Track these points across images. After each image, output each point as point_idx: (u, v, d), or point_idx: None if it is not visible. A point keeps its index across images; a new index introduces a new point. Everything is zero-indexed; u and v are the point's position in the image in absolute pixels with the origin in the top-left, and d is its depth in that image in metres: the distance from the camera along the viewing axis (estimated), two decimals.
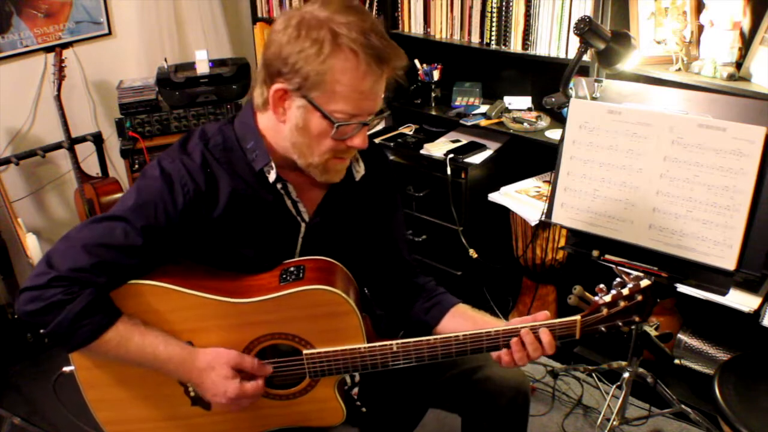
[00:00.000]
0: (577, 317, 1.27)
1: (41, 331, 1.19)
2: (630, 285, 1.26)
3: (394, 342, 1.27)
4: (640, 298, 1.25)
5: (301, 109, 1.20)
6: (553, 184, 1.88)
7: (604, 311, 1.26)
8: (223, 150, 1.29)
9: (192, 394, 1.33)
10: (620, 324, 1.27)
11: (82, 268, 1.19)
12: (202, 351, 1.26)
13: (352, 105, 1.18)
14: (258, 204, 1.31)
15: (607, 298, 1.27)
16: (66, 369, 1.35)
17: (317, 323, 1.28)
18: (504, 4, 2.51)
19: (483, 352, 1.29)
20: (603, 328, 1.28)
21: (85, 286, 1.19)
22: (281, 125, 1.25)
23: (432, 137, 2.84)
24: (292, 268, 1.31)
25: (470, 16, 2.63)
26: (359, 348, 1.28)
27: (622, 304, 1.26)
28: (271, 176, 1.29)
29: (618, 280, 1.28)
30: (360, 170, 1.40)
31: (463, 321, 1.41)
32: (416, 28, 2.84)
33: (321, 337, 1.29)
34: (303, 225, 1.37)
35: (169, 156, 1.29)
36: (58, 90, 2.72)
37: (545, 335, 1.25)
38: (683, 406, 2.06)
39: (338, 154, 1.26)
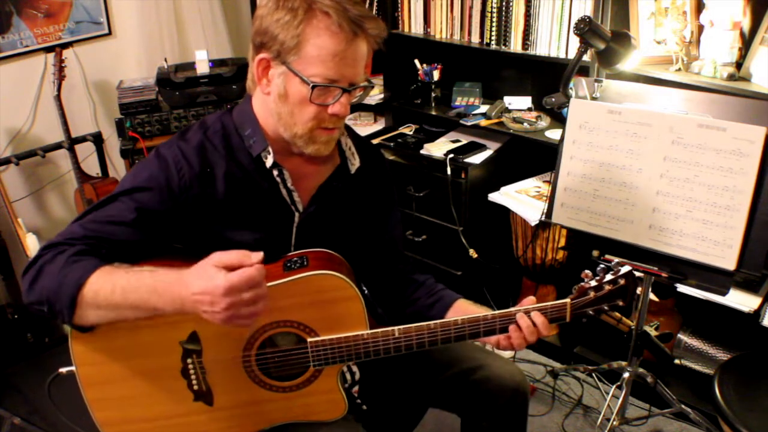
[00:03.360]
0: (567, 300, 1.33)
1: (44, 309, 1.19)
2: (613, 270, 1.33)
3: (395, 328, 1.29)
4: (623, 282, 1.32)
5: (281, 76, 1.24)
6: (553, 184, 1.88)
7: (591, 294, 1.32)
8: (221, 137, 1.32)
9: (195, 387, 1.33)
10: (606, 308, 1.33)
11: (73, 238, 1.22)
12: (187, 270, 1.17)
13: (328, 68, 1.21)
14: (253, 191, 1.33)
15: (593, 283, 1.33)
16: (63, 370, 1.35)
17: (322, 310, 1.29)
18: (504, 4, 2.51)
19: (480, 336, 1.32)
20: (591, 311, 1.33)
21: (72, 246, 1.21)
22: (266, 97, 1.28)
23: (432, 137, 2.84)
24: (295, 258, 1.33)
25: (470, 16, 2.63)
26: (362, 334, 1.29)
27: (606, 288, 1.32)
28: (269, 161, 1.31)
29: (602, 266, 1.34)
30: (355, 163, 1.42)
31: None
32: (416, 28, 2.84)
33: (325, 325, 1.30)
34: (297, 214, 1.38)
35: (167, 143, 1.32)
36: (58, 90, 2.72)
37: (537, 317, 1.30)
38: (683, 406, 2.06)
39: (322, 123, 1.27)
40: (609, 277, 1.32)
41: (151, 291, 1.16)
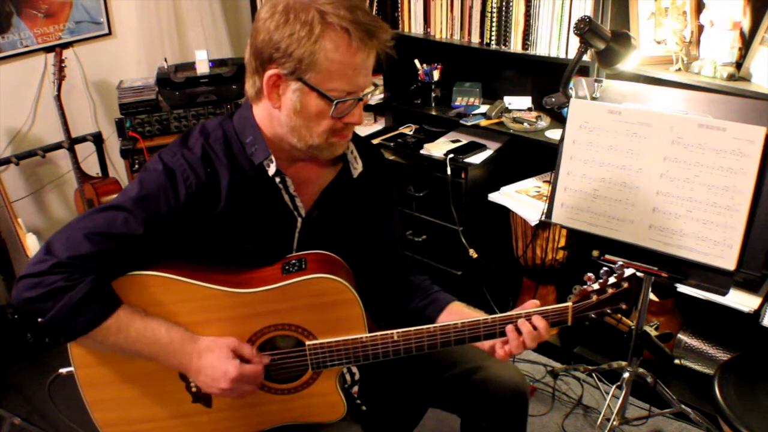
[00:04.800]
0: (569, 303, 1.30)
1: (39, 320, 1.19)
2: (616, 273, 1.30)
3: (394, 331, 1.29)
4: (626, 285, 1.29)
5: (297, 92, 1.21)
6: (553, 184, 1.88)
7: (594, 298, 1.30)
8: (223, 144, 1.31)
9: (194, 389, 1.33)
10: (609, 311, 1.31)
11: (84, 256, 1.19)
12: (203, 336, 1.27)
13: (346, 81, 1.21)
14: (256, 197, 1.32)
15: (596, 286, 1.31)
16: (63, 371, 1.35)
17: (320, 313, 1.29)
18: (504, 4, 2.51)
19: (480, 340, 1.31)
20: (593, 315, 1.31)
21: (86, 274, 1.19)
22: (276, 111, 1.26)
23: (432, 137, 2.84)
24: (294, 261, 1.33)
25: (470, 16, 2.63)
26: (361, 338, 1.29)
27: (609, 291, 1.30)
28: (271, 170, 1.30)
29: (605, 269, 1.32)
30: (358, 167, 1.41)
31: (458, 318, 1.41)
32: (416, 28, 2.84)
33: (324, 328, 1.30)
34: (299, 220, 1.38)
35: (170, 150, 1.30)
36: (58, 90, 2.72)
37: (539, 321, 1.28)
38: (683, 406, 2.06)
39: (337, 132, 1.27)
40: (612, 280, 1.29)
41: (162, 348, 1.24)
